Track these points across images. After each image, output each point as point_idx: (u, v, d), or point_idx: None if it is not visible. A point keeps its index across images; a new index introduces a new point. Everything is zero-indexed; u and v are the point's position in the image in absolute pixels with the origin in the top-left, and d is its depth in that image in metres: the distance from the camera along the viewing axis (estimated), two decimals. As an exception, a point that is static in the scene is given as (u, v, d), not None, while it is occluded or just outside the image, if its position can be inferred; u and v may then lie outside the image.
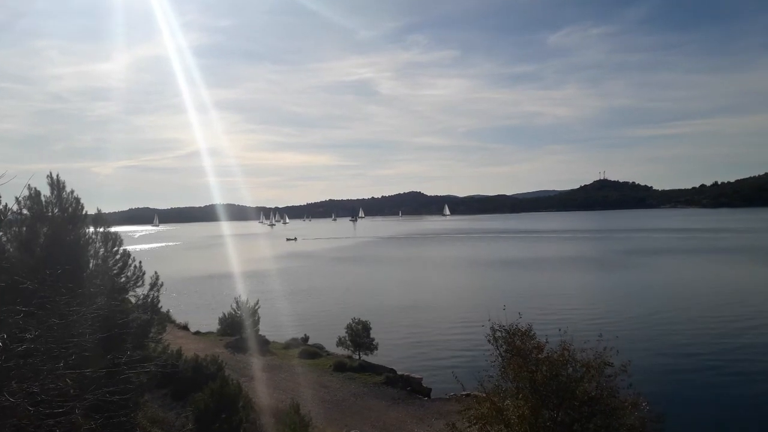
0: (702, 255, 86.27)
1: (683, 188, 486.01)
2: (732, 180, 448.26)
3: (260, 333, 33.21)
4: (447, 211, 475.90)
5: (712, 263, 74.87)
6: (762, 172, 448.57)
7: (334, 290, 61.89)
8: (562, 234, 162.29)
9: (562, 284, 61.29)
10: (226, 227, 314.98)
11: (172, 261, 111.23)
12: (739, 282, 57.81)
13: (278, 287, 64.21)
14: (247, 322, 32.67)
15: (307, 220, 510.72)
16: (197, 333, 36.14)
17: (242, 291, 45.83)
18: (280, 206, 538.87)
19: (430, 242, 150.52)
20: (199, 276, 79.78)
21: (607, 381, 12.64)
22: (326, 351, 31.16)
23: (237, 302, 35.12)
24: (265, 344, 31.96)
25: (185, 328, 37.20)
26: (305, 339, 33.74)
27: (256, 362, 27.93)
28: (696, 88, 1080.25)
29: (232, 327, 34.16)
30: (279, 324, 40.97)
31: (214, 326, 36.93)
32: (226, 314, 35.32)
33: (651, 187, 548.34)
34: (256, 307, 33.84)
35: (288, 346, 32.25)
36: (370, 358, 29.44)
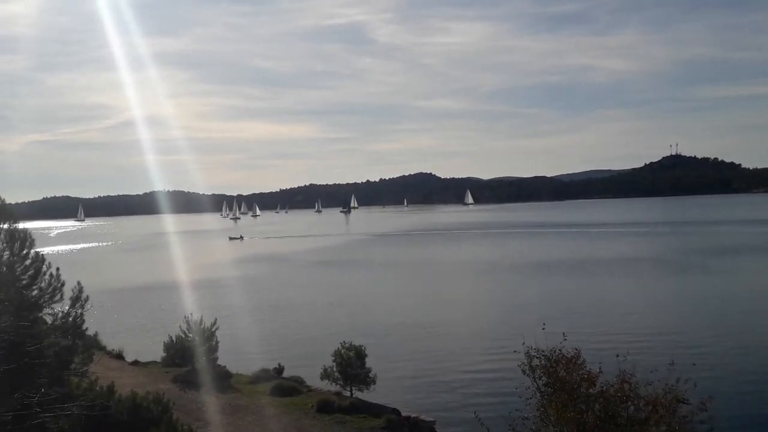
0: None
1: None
2: None
3: (219, 363, 33.15)
4: (469, 198, 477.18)
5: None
6: None
7: (316, 306, 62.01)
8: (619, 228, 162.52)
9: (620, 295, 61.40)
10: (173, 222, 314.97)
11: (102, 267, 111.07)
12: None
13: (242, 302, 64.19)
14: (202, 349, 32.52)
15: (282, 212, 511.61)
16: (135, 363, 36.13)
17: (194, 307, 45.80)
18: (244, 193, 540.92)
19: (446, 240, 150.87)
20: (137, 287, 79.87)
21: (681, 423, 12.69)
22: (307, 386, 31.16)
23: (188, 322, 34.99)
24: (225, 378, 31.95)
25: (120, 356, 37.16)
26: (279, 370, 33.75)
27: (214, 402, 27.94)
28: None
29: (181, 355, 34.10)
30: (244, 351, 40.88)
31: (157, 354, 36.89)
32: (174, 338, 35.27)
33: (739, 164, 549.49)
34: (214, 329, 33.75)
35: (256, 379, 32.25)
36: (366, 395, 29.48)
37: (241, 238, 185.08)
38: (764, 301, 55.19)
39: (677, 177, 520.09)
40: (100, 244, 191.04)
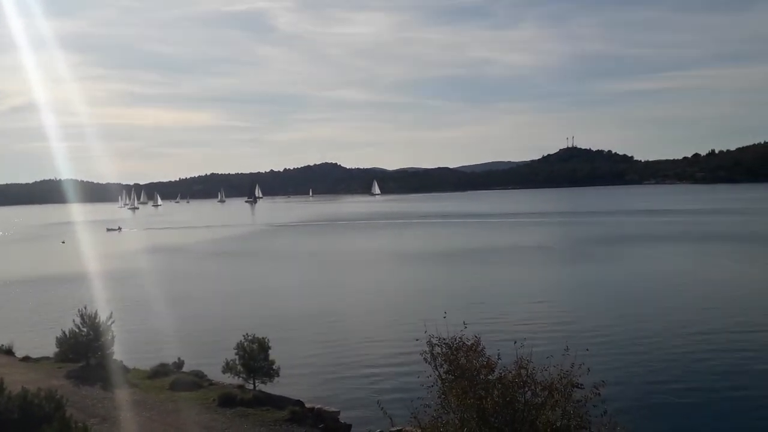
0: (694, 244, 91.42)
1: (672, 158, 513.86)
2: (732, 148, 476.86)
3: (116, 358, 32.22)
4: (376, 188, 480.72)
5: (706, 255, 79.38)
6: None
7: (216, 297, 61.15)
8: (519, 218, 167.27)
9: (518, 284, 63.22)
10: (72, 211, 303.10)
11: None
12: (739, 278, 61.70)
13: (138, 295, 62.62)
14: (98, 343, 31.62)
15: (183, 202, 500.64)
16: (26, 359, 34.66)
17: (91, 300, 44.35)
18: (141, 182, 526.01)
19: (350, 230, 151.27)
20: (29, 279, 76.87)
21: (575, 407, 13.14)
22: (208, 379, 30.64)
23: (82, 316, 33.81)
24: (123, 373, 31.04)
25: (9, 352, 35.63)
26: (179, 364, 33.05)
27: (110, 398, 27.11)
28: (688, 30, 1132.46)
29: (75, 350, 32.94)
30: (142, 345, 40.08)
31: (49, 349, 35.48)
32: (67, 333, 33.94)
33: (632, 157, 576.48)
34: (110, 323, 32.79)
35: (155, 374, 31.48)
36: (269, 387, 29.24)
37: (119, 229, 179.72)
38: (652, 287, 57.91)
39: (573, 169, 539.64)
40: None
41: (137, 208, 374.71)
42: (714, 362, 34.40)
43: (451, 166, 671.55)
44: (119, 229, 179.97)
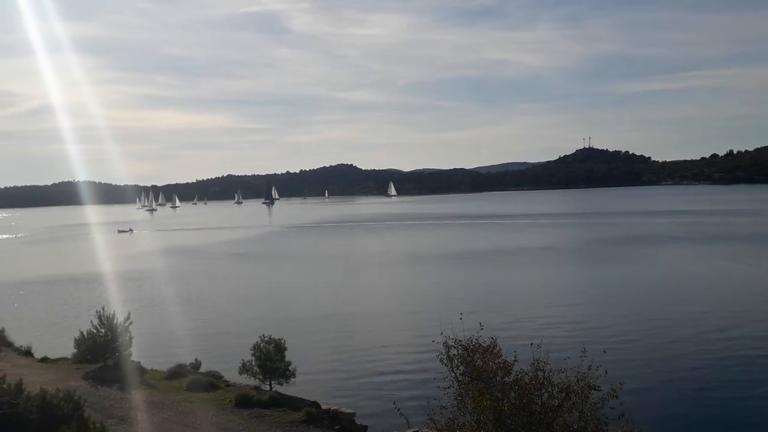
0: (712, 246, 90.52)
1: (689, 159, 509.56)
2: (751, 148, 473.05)
3: (133, 359, 32.34)
4: (392, 189, 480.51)
5: (725, 257, 78.59)
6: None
7: (233, 299, 61.31)
8: (535, 219, 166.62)
9: (535, 285, 63.01)
10: (86, 213, 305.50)
11: (6, 260, 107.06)
12: (757, 280, 61.14)
13: (156, 296, 63.01)
14: (115, 344, 31.76)
15: (200, 203, 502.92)
16: (45, 360, 34.92)
17: (107, 301, 44.65)
18: (159, 184, 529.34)
19: (366, 232, 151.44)
20: (45, 280, 77.31)
21: (592, 409, 13.07)
22: (225, 381, 30.75)
23: (100, 317, 34.01)
24: (140, 374, 31.19)
25: (28, 353, 35.87)
26: (196, 365, 33.19)
27: (129, 398, 27.26)
28: (704, 30, 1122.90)
29: (93, 351, 33.13)
30: (159, 346, 40.23)
31: (68, 350, 35.72)
32: (85, 334, 34.18)
33: (649, 157, 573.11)
34: (127, 324, 32.95)
35: (173, 375, 31.63)
36: (286, 389, 29.30)
37: (131, 231, 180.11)
38: (671, 288, 57.52)
39: (590, 169, 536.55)
40: (6, 236, 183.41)
41: (155, 210, 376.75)
42: (735, 366, 34.05)
43: (466, 167, 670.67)
44: (130, 230, 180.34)
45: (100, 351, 32.53)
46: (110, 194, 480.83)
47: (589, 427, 12.90)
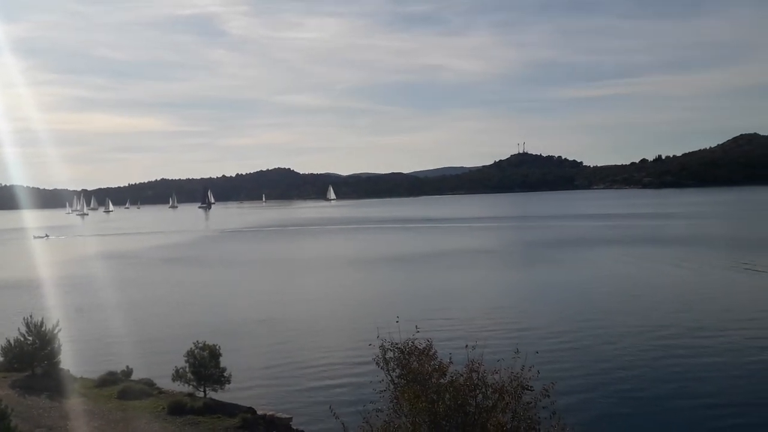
0: (640, 247, 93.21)
1: (620, 164, 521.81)
2: (679, 154, 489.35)
3: (63, 366, 31.65)
4: (332, 193, 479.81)
5: (652, 258, 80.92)
6: (714, 144, 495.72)
7: (166, 305, 60.39)
8: (471, 223, 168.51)
9: (471, 288, 63.78)
10: (20, 217, 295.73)
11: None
12: (683, 281, 63.15)
13: (85, 303, 61.48)
14: (44, 352, 31.08)
15: (134, 208, 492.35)
16: (-32, 370, 33.79)
17: (34, 308, 43.28)
18: (89, 188, 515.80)
19: (303, 236, 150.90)
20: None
21: (525, 409, 13.24)
22: (158, 388, 30.24)
23: (27, 324, 33.08)
24: (70, 382, 30.46)
25: (-50, 363, 34.62)
26: (128, 373, 32.52)
27: (58, 407, 26.60)
28: (635, 37, 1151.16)
29: (20, 359, 32.22)
30: (90, 354, 39.37)
31: (-7, 359, 34.66)
32: (12, 342, 33.19)
33: (581, 162, 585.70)
34: (56, 331, 32.14)
35: (103, 383, 30.94)
36: (221, 395, 28.95)
37: (47, 236, 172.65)
38: (602, 290, 58.99)
39: (525, 174, 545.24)
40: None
41: (86, 214, 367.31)
42: (659, 363, 35.18)
43: (404, 172, 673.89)
44: (46, 236, 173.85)
45: (27, 359, 31.70)
46: (44, 198, 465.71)
47: (521, 427, 13.06)
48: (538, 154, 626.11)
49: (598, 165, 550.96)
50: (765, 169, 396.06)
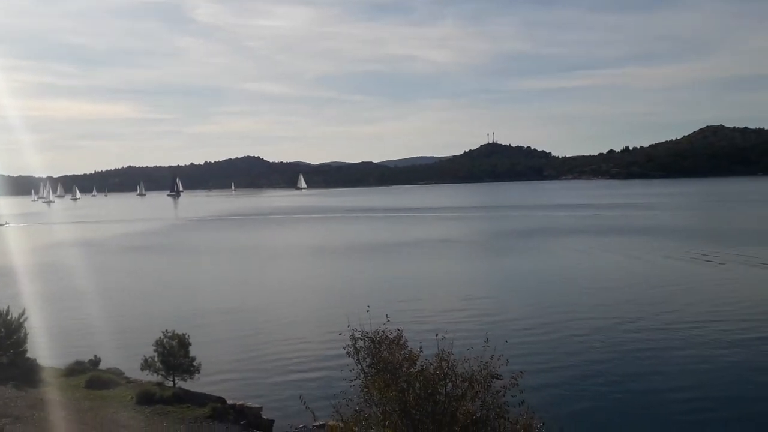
0: (607, 238, 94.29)
1: (588, 155, 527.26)
2: (646, 145, 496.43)
3: (29, 356, 31.29)
4: (302, 182, 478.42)
5: (618, 249, 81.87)
6: (681, 135, 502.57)
7: (135, 293, 60.01)
8: (441, 212, 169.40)
9: (441, 277, 64.12)
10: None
11: None
12: (648, 271, 64.00)
13: (52, 291, 60.76)
14: (10, 341, 30.62)
15: (100, 195, 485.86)
16: (-69, 360, 33.26)
17: None
18: (55, 176, 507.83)
19: (273, 225, 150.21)
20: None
21: (494, 398, 13.37)
22: (126, 377, 30.05)
23: (-8, 313, 32.68)
24: (36, 371, 30.14)
25: None
26: (95, 362, 32.22)
27: (25, 396, 26.32)
28: (603, 30, 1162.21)
29: (-16, 349, 31.81)
30: (56, 342, 38.82)
31: (-44, 349, 34.14)
32: (-24, 331, 32.78)
33: (549, 153, 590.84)
34: (22, 320, 31.74)
35: (71, 372, 30.66)
36: (190, 384, 28.83)
37: (7, 224, 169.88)
38: (570, 279, 59.67)
39: (494, 164, 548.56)
40: None
41: (53, 202, 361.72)
42: (626, 350, 35.77)
43: (374, 161, 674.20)
44: (7, 223, 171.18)
45: (-8, 349, 31.28)
46: (13, 185, 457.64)
47: (491, 415, 13.19)
48: (508, 144, 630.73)
49: (567, 156, 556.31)
50: (730, 161, 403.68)
